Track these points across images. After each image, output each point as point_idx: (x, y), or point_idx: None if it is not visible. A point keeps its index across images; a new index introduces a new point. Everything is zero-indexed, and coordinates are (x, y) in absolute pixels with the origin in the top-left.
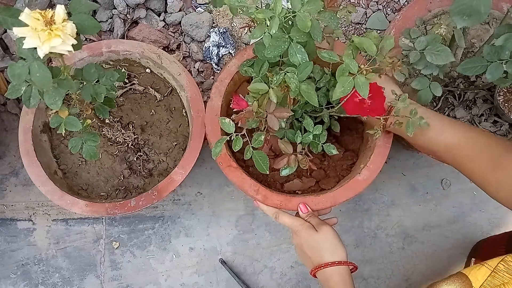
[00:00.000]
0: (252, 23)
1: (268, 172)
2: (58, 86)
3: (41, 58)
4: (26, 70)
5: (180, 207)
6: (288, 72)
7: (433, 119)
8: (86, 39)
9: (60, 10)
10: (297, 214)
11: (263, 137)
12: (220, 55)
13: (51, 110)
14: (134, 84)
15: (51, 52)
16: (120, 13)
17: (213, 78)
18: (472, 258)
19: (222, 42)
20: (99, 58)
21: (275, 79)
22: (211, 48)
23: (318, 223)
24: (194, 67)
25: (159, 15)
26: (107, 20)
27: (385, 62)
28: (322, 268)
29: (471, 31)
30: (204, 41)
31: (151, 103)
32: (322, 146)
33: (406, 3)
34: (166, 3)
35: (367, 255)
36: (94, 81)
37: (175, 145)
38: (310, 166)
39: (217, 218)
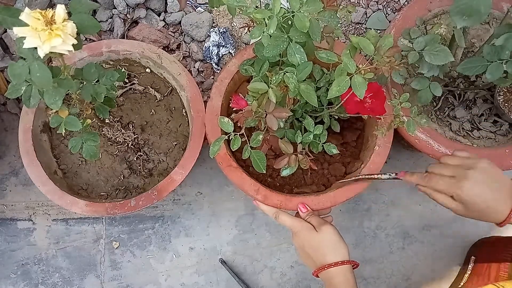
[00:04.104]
0: (252, 22)
1: (264, 171)
2: (58, 86)
3: (41, 57)
4: (26, 70)
5: (180, 207)
6: (287, 72)
7: None
8: (86, 39)
9: (60, 10)
10: (297, 214)
11: (261, 136)
12: (220, 55)
13: (51, 110)
14: (134, 84)
15: (51, 52)
16: (120, 13)
17: (213, 78)
18: (472, 257)
19: (222, 41)
20: (99, 58)
21: (274, 78)
22: (211, 48)
23: (318, 223)
24: (194, 67)
25: (159, 15)
26: (107, 20)
27: (383, 61)
28: (325, 269)
29: (471, 31)
30: (204, 41)
31: (151, 103)
32: (323, 145)
33: (406, 3)
34: (166, 3)
35: (367, 255)
36: (94, 81)
37: (175, 144)
38: (311, 166)
39: (217, 218)
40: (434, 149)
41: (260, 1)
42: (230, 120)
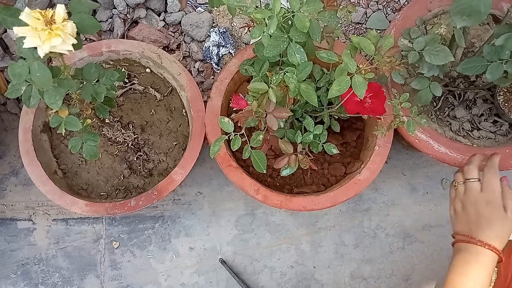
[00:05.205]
0: (252, 22)
1: (265, 172)
2: (58, 86)
3: (41, 57)
4: (26, 70)
5: (180, 207)
6: (287, 72)
7: None
8: (86, 38)
9: (60, 10)
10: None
11: (261, 136)
12: (220, 55)
13: (51, 109)
14: (134, 84)
15: (51, 52)
16: (120, 12)
17: (213, 78)
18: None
19: (222, 41)
20: (99, 58)
21: (274, 78)
22: (211, 47)
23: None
24: (194, 67)
25: (159, 15)
26: (107, 20)
27: (383, 61)
28: (485, 247)
29: (471, 31)
30: (204, 40)
31: (151, 103)
32: (323, 145)
33: (406, 3)
34: (166, 3)
35: (367, 255)
36: (94, 81)
37: (175, 144)
38: (311, 166)
39: (217, 218)
40: (434, 149)
41: (260, 1)
42: (230, 120)
